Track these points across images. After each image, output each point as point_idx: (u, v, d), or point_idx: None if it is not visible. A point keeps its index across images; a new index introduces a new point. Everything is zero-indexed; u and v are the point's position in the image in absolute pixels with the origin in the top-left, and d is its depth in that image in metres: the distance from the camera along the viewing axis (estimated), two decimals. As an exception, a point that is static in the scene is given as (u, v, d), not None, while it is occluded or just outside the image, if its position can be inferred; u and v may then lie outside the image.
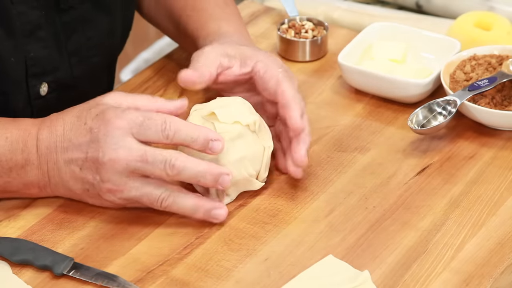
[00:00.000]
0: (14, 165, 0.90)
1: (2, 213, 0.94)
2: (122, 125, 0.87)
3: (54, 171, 0.90)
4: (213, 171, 0.88)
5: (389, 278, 0.87)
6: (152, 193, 0.88)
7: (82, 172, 0.89)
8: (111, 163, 0.87)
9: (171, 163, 0.87)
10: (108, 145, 0.87)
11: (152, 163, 0.87)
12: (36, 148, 0.90)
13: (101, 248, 0.90)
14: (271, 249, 0.90)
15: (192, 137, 0.87)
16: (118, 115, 0.88)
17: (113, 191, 0.89)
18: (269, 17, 1.22)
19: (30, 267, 0.88)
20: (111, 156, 0.87)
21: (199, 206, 0.89)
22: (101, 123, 0.88)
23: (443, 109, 1.02)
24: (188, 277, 0.87)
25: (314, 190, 0.96)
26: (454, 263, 0.88)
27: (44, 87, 1.01)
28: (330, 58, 1.14)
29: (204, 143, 0.88)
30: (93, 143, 0.88)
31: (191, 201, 0.89)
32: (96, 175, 0.88)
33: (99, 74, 1.08)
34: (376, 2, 1.29)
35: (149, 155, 0.87)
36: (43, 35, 0.99)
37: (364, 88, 1.08)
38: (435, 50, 1.11)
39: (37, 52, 0.99)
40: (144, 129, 0.87)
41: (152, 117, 0.88)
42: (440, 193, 0.96)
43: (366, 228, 0.92)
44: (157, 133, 0.87)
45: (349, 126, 1.05)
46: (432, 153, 1.01)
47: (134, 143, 0.87)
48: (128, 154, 0.87)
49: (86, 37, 1.03)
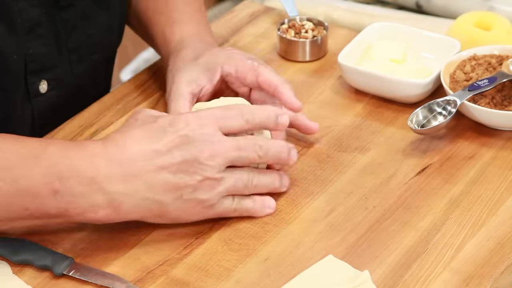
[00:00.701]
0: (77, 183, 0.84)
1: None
2: (209, 122, 0.88)
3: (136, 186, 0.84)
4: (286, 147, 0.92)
5: (389, 278, 0.87)
6: (243, 176, 0.90)
7: (176, 177, 0.86)
8: (212, 159, 0.87)
9: (259, 144, 0.90)
10: (204, 142, 0.87)
11: (245, 149, 0.89)
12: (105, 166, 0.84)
13: (101, 248, 0.90)
14: (271, 249, 0.90)
15: (265, 116, 0.91)
16: (198, 114, 0.89)
17: (214, 185, 0.88)
18: (269, 17, 1.22)
19: (30, 267, 0.88)
20: (211, 152, 0.87)
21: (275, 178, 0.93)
22: (186, 124, 0.88)
23: (443, 109, 1.01)
24: (188, 277, 0.87)
25: (314, 190, 0.96)
26: (454, 263, 0.88)
27: (43, 85, 1.01)
28: (330, 58, 1.14)
29: (275, 119, 0.91)
30: (185, 144, 0.87)
31: (268, 175, 0.92)
32: (196, 175, 0.87)
33: (98, 70, 1.08)
34: (376, 2, 1.29)
35: (242, 143, 0.89)
36: (42, 32, 0.99)
37: (364, 88, 1.08)
38: (435, 50, 1.11)
39: (36, 49, 0.99)
40: (228, 121, 0.89)
41: (227, 108, 0.90)
42: (440, 193, 0.96)
43: (366, 228, 0.92)
44: (238, 121, 0.90)
45: (349, 126, 1.05)
46: (432, 153, 1.01)
47: (223, 137, 0.89)
48: (224, 147, 0.88)
49: (87, 34, 1.03)
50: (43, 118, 1.03)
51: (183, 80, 0.99)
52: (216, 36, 1.19)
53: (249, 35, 1.19)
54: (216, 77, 1.00)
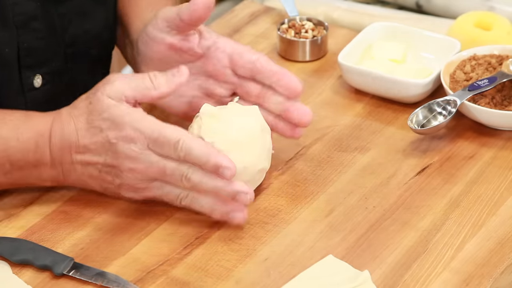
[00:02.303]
0: (25, 164, 0.91)
1: (2, 213, 0.93)
2: (138, 139, 0.88)
3: (70, 171, 0.91)
4: (227, 189, 0.88)
5: (389, 278, 0.87)
6: (172, 192, 0.90)
7: (101, 175, 0.90)
8: (131, 173, 0.89)
9: (187, 177, 0.88)
10: (127, 157, 0.88)
11: (170, 175, 0.89)
12: (49, 150, 0.90)
13: (101, 248, 0.90)
14: (271, 249, 0.90)
15: (202, 160, 0.87)
16: (133, 126, 0.88)
17: (134, 190, 0.90)
18: (269, 17, 1.22)
19: (30, 267, 0.88)
20: (130, 167, 0.89)
21: (216, 208, 0.90)
22: (117, 133, 0.88)
23: (443, 109, 1.01)
24: (188, 277, 0.87)
25: (314, 190, 0.96)
26: (454, 263, 0.88)
27: (38, 79, 1.00)
28: (330, 58, 1.14)
29: (214, 168, 0.87)
30: (110, 151, 0.89)
31: (208, 201, 0.90)
32: (116, 178, 0.90)
33: (95, 67, 1.08)
34: (376, 2, 1.29)
35: (168, 168, 0.88)
36: (38, 26, 0.98)
37: (364, 88, 1.08)
38: (435, 50, 1.11)
39: (31, 43, 0.98)
40: (159, 146, 0.88)
41: (167, 134, 0.87)
42: (440, 193, 0.96)
43: (366, 228, 0.92)
44: (170, 151, 0.88)
45: (349, 126, 1.05)
46: (432, 153, 1.01)
47: (152, 156, 0.88)
48: (147, 167, 0.88)
49: (83, 29, 1.03)
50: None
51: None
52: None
53: (249, 35, 1.19)
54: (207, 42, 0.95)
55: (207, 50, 0.96)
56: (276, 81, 0.95)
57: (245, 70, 0.96)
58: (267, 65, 0.95)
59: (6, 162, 0.90)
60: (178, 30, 0.94)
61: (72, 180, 0.92)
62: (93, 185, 0.92)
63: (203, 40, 0.96)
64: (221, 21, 1.21)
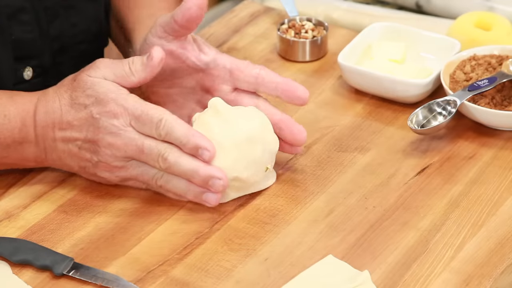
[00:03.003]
0: (12, 142, 0.92)
1: (2, 213, 0.93)
2: (122, 114, 0.89)
3: (52, 148, 0.92)
4: (201, 172, 0.88)
5: (389, 278, 0.87)
6: (148, 172, 0.91)
7: (80, 152, 0.91)
8: (110, 148, 0.90)
9: (164, 156, 0.89)
10: (108, 132, 0.89)
11: (147, 154, 0.89)
12: (34, 127, 0.92)
13: (101, 248, 0.90)
14: (271, 249, 0.90)
15: (182, 141, 0.88)
16: (117, 102, 0.89)
17: (110, 169, 0.91)
18: (269, 17, 1.22)
19: (30, 267, 0.88)
20: (109, 142, 0.89)
21: (190, 189, 0.91)
22: (101, 108, 0.89)
23: (443, 109, 1.01)
24: (188, 277, 0.87)
25: (314, 190, 0.96)
26: (454, 263, 0.88)
27: (28, 72, 1.01)
28: (330, 58, 1.14)
29: (194, 149, 0.89)
30: (92, 126, 0.90)
31: (183, 183, 0.90)
32: (94, 155, 0.91)
33: (85, 62, 1.08)
34: (376, 2, 1.29)
35: (146, 147, 0.89)
36: (26, 19, 0.98)
37: (364, 88, 1.08)
38: (435, 50, 1.11)
39: (20, 35, 0.98)
40: (140, 124, 0.89)
41: (150, 112, 0.89)
42: (440, 193, 0.96)
43: (366, 228, 0.92)
44: (151, 130, 0.89)
45: (349, 126, 1.05)
46: (432, 153, 1.01)
47: (133, 133, 0.89)
48: (126, 143, 0.89)
49: (70, 23, 1.03)
50: None
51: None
52: (216, 36, 1.19)
53: (249, 35, 1.19)
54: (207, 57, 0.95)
55: (206, 66, 0.96)
56: (281, 92, 0.95)
57: (248, 84, 0.96)
58: (269, 77, 0.95)
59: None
60: (174, 34, 0.94)
61: (52, 158, 0.93)
62: (71, 164, 0.92)
63: (202, 55, 0.96)
64: (221, 21, 1.21)
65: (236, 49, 1.17)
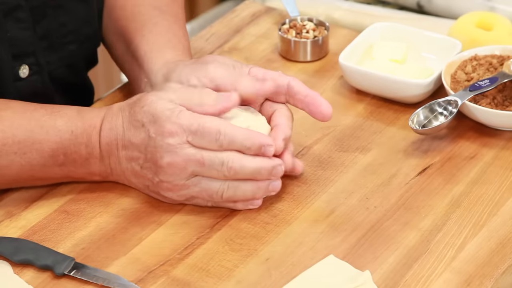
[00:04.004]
0: (78, 157, 0.92)
1: (3, 213, 0.93)
2: (179, 132, 0.88)
3: (116, 165, 0.92)
4: (266, 166, 0.90)
5: (390, 278, 0.87)
6: (212, 186, 0.90)
7: (142, 171, 0.91)
8: (170, 168, 0.89)
9: (228, 165, 0.89)
10: (165, 151, 0.89)
11: (209, 166, 0.89)
12: (99, 144, 0.92)
13: (102, 248, 0.90)
14: (272, 249, 0.90)
15: (246, 145, 0.89)
16: (173, 121, 0.89)
17: (172, 189, 0.91)
18: (270, 17, 1.22)
19: (31, 267, 0.88)
20: (168, 161, 0.89)
21: (259, 188, 0.91)
22: (157, 128, 0.89)
23: (444, 109, 1.01)
24: (189, 277, 0.87)
25: (315, 190, 0.96)
26: (455, 263, 0.88)
27: (24, 69, 1.00)
28: (331, 59, 1.14)
29: (258, 149, 0.89)
30: (150, 146, 0.90)
31: (249, 186, 0.91)
32: (155, 176, 0.90)
33: (76, 64, 1.07)
34: (377, 2, 1.29)
35: (206, 159, 0.89)
36: (23, 17, 0.98)
37: (365, 88, 1.08)
38: (436, 50, 1.11)
39: (15, 33, 0.98)
40: (198, 138, 0.88)
41: (206, 125, 0.88)
42: (441, 193, 0.96)
43: (367, 228, 0.92)
44: (211, 142, 0.89)
45: (350, 126, 1.05)
46: (433, 153, 1.01)
47: (190, 148, 0.89)
48: (185, 159, 0.89)
49: (58, 22, 1.02)
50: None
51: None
52: (217, 36, 1.19)
53: (250, 35, 1.19)
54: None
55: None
56: (306, 105, 0.94)
57: (280, 96, 0.95)
58: (298, 88, 0.94)
59: (61, 154, 0.91)
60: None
61: (117, 174, 0.93)
62: (135, 182, 0.93)
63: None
64: (222, 21, 1.21)
65: (237, 49, 1.17)
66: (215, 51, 1.16)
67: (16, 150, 0.91)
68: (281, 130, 0.92)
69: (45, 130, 0.91)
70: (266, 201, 0.95)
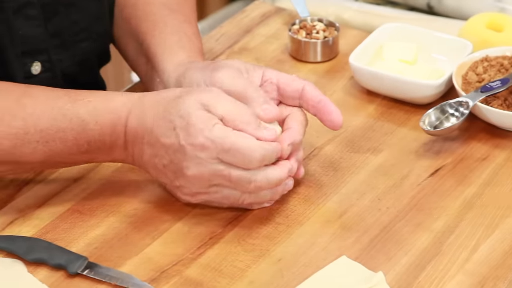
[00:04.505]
0: (102, 145, 0.91)
1: (17, 212, 0.93)
2: (209, 147, 0.87)
3: (139, 157, 0.91)
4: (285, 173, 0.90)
5: (403, 280, 0.87)
6: (232, 195, 0.90)
7: (164, 170, 0.90)
8: (194, 178, 0.89)
9: (255, 182, 0.89)
10: (194, 163, 0.88)
11: (235, 182, 0.89)
12: (124, 134, 0.91)
13: (115, 248, 0.90)
14: (285, 249, 0.90)
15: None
16: (205, 135, 0.87)
17: (191, 195, 0.91)
18: (280, 17, 1.22)
19: (44, 266, 0.88)
20: (195, 173, 0.88)
21: (276, 193, 0.92)
22: (188, 137, 0.87)
23: (456, 111, 1.01)
24: (201, 277, 0.87)
25: (327, 191, 0.96)
26: (468, 265, 0.88)
27: (36, 66, 1.00)
28: (341, 59, 1.14)
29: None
30: (178, 152, 0.88)
31: (268, 192, 0.91)
32: (176, 180, 0.90)
33: (88, 61, 1.07)
34: (386, 3, 1.29)
35: (234, 176, 0.88)
36: (34, 14, 0.98)
37: (375, 89, 1.08)
38: (446, 51, 1.11)
39: (26, 30, 0.98)
40: (230, 157, 0.87)
41: (239, 147, 0.87)
42: (454, 194, 0.96)
43: (379, 229, 0.92)
44: (243, 163, 0.88)
45: (361, 127, 1.05)
46: (445, 154, 1.01)
47: (219, 164, 0.88)
48: (212, 174, 0.88)
49: (70, 20, 1.02)
50: None
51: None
52: (227, 36, 1.19)
53: (260, 35, 1.19)
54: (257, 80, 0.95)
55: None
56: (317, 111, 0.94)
57: (293, 100, 0.94)
58: (312, 93, 0.94)
59: (85, 143, 0.91)
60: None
61: (139, 163, 0.92)
62: (154, 175, 0.91)
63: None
64: (232, 21, 1.21)
65: (247, 49, 1.16)
66: (225, 51, 1.16)
67: (38, 138, 0.90)
68: (290, 135, 0.92)
69: (69, 118, 0.90)
70: (278, 202, 0.95)
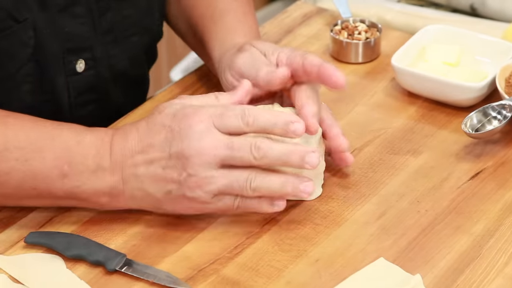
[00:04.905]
0: (85, 169, 0.87)
1: (57, 209, 0.94)
2: (204, 118, 0.87)
3: (130, 177, 0.88)
4: (298, 149, 0.87)
5: (441, 283, 0.86)
6: (240, 177, 0.87)
7: (165, 172, 0.87)
8: (199, 155, 0.86)
9: (256, 145, 0.86)
10: (192, 138, 0.86)
11: (239, 149, 0.86)
12: (109, 155, 0.88)
13: (153, 245, 0.90)
14: (322, 250, 0.90)
15: (271, 121, 0.86)
16: (196, 111, 0.87)
17: (199, 184, 0.87)
18: (322, 18, 1.22)
19: (83, 262, 0.88)
20: (197, 148, 0.86)
21: (287, 181, 0.88)
22: (181, 120, 0.87)
23: (498, 114, 1.00)
24: (238, 276, 0.87)
25: (366, 192, 0.96)
26: (508, 269, 0.87)
27: (80, 64, 1.00)
28: (382, 60, 1.14)
29: (285, 126, 0.86)
30: (175, 140, 0.87)
31: (278, 178, 0.88)
32: (183, 171, 0.87)
33: (137, 56, 1.08)
34: (429, 5, 1.28)
35: (235, 142, 0.86)
36: (80, 12, 0.98)
37: (417, 90, 1.08)
38: (490, 53, 1.10)
39: (72, 28, 0.98)
40: (225, 119, 0.86)
41: (230, 108, 0.88)
42: (494, 198, 0.95)
43: (418, 231, 0.91)
44: (237, 121, 0.86)
45: (401, 128, 1.04)
46: (486, 157, 1.00)
47: (218, 134, 0.86)
48: (215, 144, 0.86)
49: (122, 15, 1.02)
50: (79, 97, 1.02)
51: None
52: (269, 36, 1.19)
53: (302, 36, 1.19)
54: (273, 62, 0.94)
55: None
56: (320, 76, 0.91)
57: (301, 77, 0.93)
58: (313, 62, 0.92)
59: (65, 163, 0.87)
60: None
61: (131, 188, 0.88)
62: (154, 192, 0.88)
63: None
64: (273, 21, 1.21)
65: (288, 50, 1.16)
66: (267, 51, 1.16)
67: (17, 156, 0.87)
68: (306, 109, 0.90)
69: (50, 137, 0.87)
70: (316, 202, 0.95)
